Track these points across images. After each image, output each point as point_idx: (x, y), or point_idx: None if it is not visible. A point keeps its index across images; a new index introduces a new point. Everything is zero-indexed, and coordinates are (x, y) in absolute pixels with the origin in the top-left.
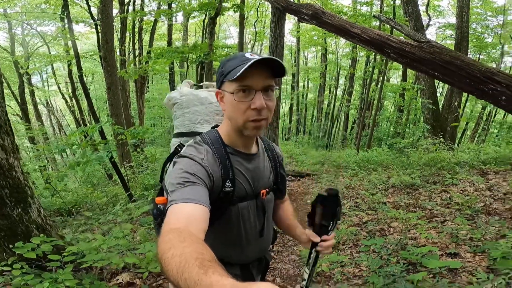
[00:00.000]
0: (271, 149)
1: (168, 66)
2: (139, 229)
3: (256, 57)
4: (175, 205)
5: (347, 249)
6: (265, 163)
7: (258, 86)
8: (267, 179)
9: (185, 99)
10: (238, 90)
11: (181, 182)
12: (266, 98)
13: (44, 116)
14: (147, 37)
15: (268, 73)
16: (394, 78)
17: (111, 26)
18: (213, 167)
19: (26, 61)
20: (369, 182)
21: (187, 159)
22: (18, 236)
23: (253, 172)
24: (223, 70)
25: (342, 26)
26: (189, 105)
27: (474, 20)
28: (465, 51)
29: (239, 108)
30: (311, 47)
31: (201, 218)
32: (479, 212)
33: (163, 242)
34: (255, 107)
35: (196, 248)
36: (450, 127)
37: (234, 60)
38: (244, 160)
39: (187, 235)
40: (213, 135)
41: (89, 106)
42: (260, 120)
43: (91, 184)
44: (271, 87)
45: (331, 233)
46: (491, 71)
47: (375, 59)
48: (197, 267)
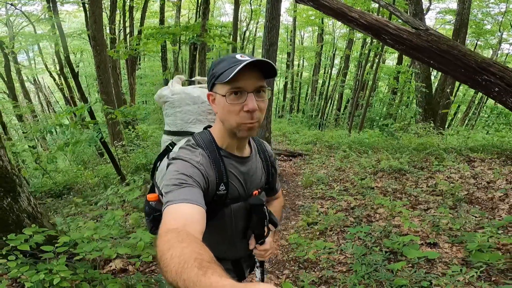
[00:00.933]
0: (263, 149)
1: (160, 45)
2: (132, 211)
3: (247, 59)
4: (172, 205)
5: (334, 235)
6: (258, 164)
7: (250, 88)
8: (259, 180)
9: (177, 98)
10: (230, 93)
11: (177, 183)
12: (258, 99)
13: (32, 93)
14: (138, 15)
15: (259, 74)
16: (390, 60)
17: (100, 5)
18: (208, 171)
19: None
20: (359, 165)
21: (182, 161)
22: (10, 226)
23: (246, 174)
24: (214, 72)
25: (339, 9)
26: (181, 104)
27: (475, 7)
28: (463, 38)
29: (231, 111)
30: (308, 27)
31: (198, 219)
32: (462, 201)
33: (162, 242)
34: (248, 109)
35: (195, 248)
36: (441, 111)
37: (225, 62)
38: (238, 163)
39: (185, 235)
40: (206, 137)
41: (78, 87)
42: (252, 122)
43: (82, 162)
44: (263, 88)
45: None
46: (487, 62)
47: (371, 42)
48: (196, 268)
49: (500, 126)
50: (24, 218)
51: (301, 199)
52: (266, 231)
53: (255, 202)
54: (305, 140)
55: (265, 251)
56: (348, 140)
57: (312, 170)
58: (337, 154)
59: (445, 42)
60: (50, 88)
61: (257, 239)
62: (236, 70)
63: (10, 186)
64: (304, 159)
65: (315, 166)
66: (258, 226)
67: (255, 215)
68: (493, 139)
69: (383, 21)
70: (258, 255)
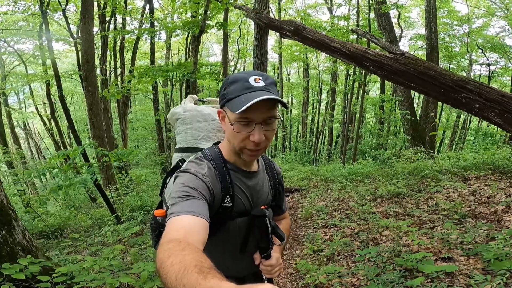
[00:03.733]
0: (271, 167)
1: (151, 86)
2: (129, 250)
3: (260, 86)
4: (175, 217)
5: (343, 260)
6: (265, 181)
7: (259, 119)
8: (266, 195)
9: (188, 114)
10: (238, 122)
11: (181, 195)
12: (266, 129)
13: (22, 139)
14: (129, 55)
15: (270, 104)
16: (373, 91)
17: (92, 45)
18: (214, 183)
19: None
20: (357, 193)
21: (188, 174)
22: (4, 258)
23: (252, 189)
24: (225, 93)
25: (322, 41)
26: (192, 121)
27: (441, 30)
28: (436, 61)
29: (237, 136)
30: (293, 63)
31: (200, 230)
32: (466, 216)
33: (162, 251)
34: (254, 140)
35: (195, 256)
36: (428, 136)
37: (237, 84)
38: (244, 177)
39: (186, 245)
40: (214, 151)
41: (71, 127)
42: (257, 150)
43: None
44: (273, 117)
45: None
46: (463, 80)
47: (354, 72)
48: (196, 273)
49: (488, 145)
50: (19, 251)
51: (303, 229)
52: (270, 245)
53: (257, 213)
54: (300, 176)
55: (271, 266)
56: (343, 172)
57: (311, 203)
58: (334, 186)
59: (421, 64)
60: (40, 134)
61: (262, 252)
62: (246, 106)
63: (6, 219)
64: (302, 194)
65: (313, 199)
66: (262, 238)
67: (258, 227)
68: (484, 157)
69: (363, 49)
70: (264, 271)
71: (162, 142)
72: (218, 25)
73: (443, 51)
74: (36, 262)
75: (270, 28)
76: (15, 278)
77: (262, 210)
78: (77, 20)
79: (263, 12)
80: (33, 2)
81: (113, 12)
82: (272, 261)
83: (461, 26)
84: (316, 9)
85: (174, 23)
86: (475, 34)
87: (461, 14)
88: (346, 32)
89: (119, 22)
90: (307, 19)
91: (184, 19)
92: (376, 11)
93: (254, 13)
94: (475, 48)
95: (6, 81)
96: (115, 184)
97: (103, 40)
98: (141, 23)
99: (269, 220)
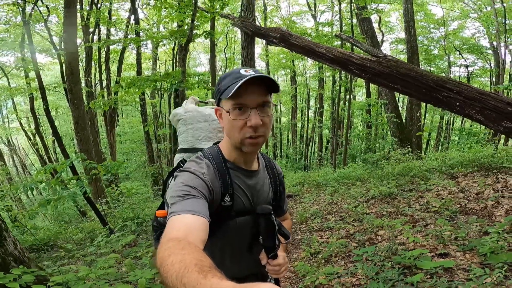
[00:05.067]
0: (272, 166)
1: (139, 97)
2: (123, 261)
3: (250, 73)
4: (175, 216)
5: (341, 261)
6: (265, 180)
7: (253, 104)
8: (267, 195)
9: (189, 115)
10: (233, 108)
11: (181, 195)
12: (262, 114)
13: (6, 155)
14: (114, 67)
15: (263, 89)
16: (360, 96)
17: (76, 56)
18: (213, 181)
19: None
20: (350, 196)
21: (188, 173)
22: None
23: (253, 188)
24: (219, 88)
25: (308, 46)
26: (193, 122)
27: (420, 33)
28: (417, 64)
29: (235, 126)
30: (281, 70)
31: (200, 229)
32: (457, 213)
33: (163, 250)
34: (251, 124)
35: (196, 255)
36: (415, 137)
37: (229, 77)
38: (245, 176)
39: (187, 244)
40: (214, 150)
41: (57, 140)
42: (257, 137)
43: (64, 222)
44: (267, 103)
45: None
46: (442, 79)
47: (340, 77)
48: (197, 272)
49: (472, 144)
50: (11, 261)
51: (299, 233)
52: (277, 243)
53: (262, 211)
54: (292, 183)
55: (279, 266)
56: (334, 176)
57: (305, 208)
58: (326, 190)
59: (403, 66)
60: (25, 150)
61: (268, 252)
62: (237, 86)
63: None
64: (295, 200)
65: (307, 204)
66: (268, 237)
67: (264, 225)
68: (469, 155)
69: (347, 53)
70: (271, 272)
71: (152, 154)
72: (205, 33)
73: (423, 54)
74: (30, 272)
75: (257, 36)
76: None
77: (268, 208)
78: (59, 32)
79: (249, 21)
80: (14, 13)
81: (97, 23)
82: (280, 260)
83: (438, 29)
84: (301, 16)
85: (160, 33)
86: (452, 36)
87: (437, 17)
88: (331, 38)
89: (104, 33)
90: (293, 26)
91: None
92: (358, 16)
93: (241, 22)
94: (452, 50)
95: None
96: (105, 198)
97: (88, 52)
98: (126, 34)
99: (275, 218)
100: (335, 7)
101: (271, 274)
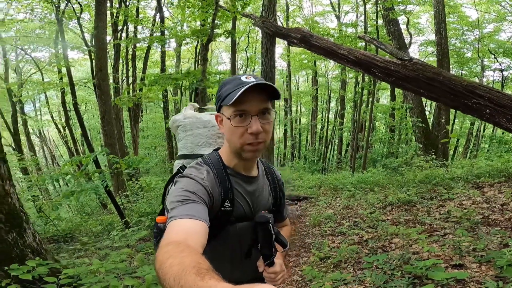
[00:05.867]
0: (271, 172)
1: (162, 94)
2: (136, 255)
3: (252, 81)
4: (175, 220)
5: (350, 267)
6: (265, 186)
7: (254, 110)
8: (266, 201)
9: (188, 121)
10: (234, 115)
11: (181, 200)
12: (262, 121)
13: (37, 146)
14: (140, 64)
15: (263, 96)
16: (384, 99)
17: (105, 53)
18: (213, 187)
19: (20, 88)
20: (367, 201)
21: (187, 178)
22: (13, 260)
23: (252, 194)
24: (220, 94)
25: (329, 48)
26: (192, 128)
27: (452, 36)
28: (447, 67)
29: (236, 132)
30: (302, 71)
31: (200, 233)
32: (479, 224)
33: (162, 253)
34: (252, 131)
35: (194, 258)
36: (441, 144)
37: (230, 84)
38: (244, 182)
39: (186, 247)
40: (214, 157)
41: (84, 135)
42: (257, 143)
43: (85, 214)
44: (268, 110)
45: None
46: (473, 85)
47: (363, 79)
48: (194, 274)
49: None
50: (28, 253)
51: (310, 237)
52: (274, 251)
53: (260, 220)
54: (309, 185)
55: (275, 273)
56: (352, 180)
57: (319, 211)
58: (342, 194)
59: (430, 70)
60: (55, 142)
61: (265, 259)
62: (239, 93)
63: (17, 222)
64: (310, 202)
65: (322, 207)
66: (265, 245)
67: (261, 233)
68: (497, 165)
69: (370, 55)
70: (268, 279)
71: (172, 150)
72: (226, 33)
73: (455, 57)
74: (44, 264)
75: (277, 36)
76: (22, 278)
77: (266, 217)
78: (91, 29)
79: (270, 20)
80: (49, 10)
81: (125, 21)
82: (276, 268)
83: (472, 32)
84: (324, 16)
85: (184, 31)
86: (487, 39)
87: (472, 19)
88: (354, 39)
89: (131, 31)
90: (315, 27)
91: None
92: (384, 17)
93: (262, 22)
94: (487, 53)
95: (23, 89)
96: (125, 191)
97: (116, 49)
98: (152, 32)
99: (272, 227)
100: (360, 7)
101: (267, 281)
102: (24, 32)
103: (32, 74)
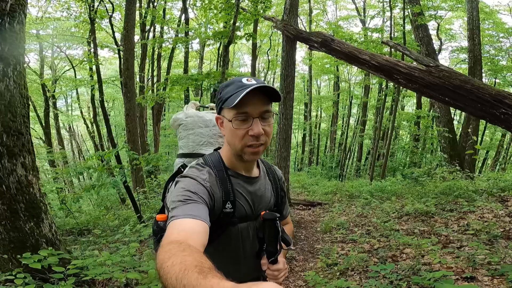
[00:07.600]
0: (272, 172)
1: (183, 94)
2: (146, 250)
3: (253, 83)
4: (176, 220)
5: (356, 275)
6: (266, 186)
7: (255, 113)
8: (268, 201)
9: (190, 120)
10: (236, 118)
11: (182, 199)
12: (263, 123)
13: (66, 140)
14: (165, 64)
15: (264, 99)
16: (409, 107)
17: (132, 53)
18: (214, 188)
19: (53, 84)
20: (382, 210)
21: (189, 179)
22: (27, 249)
23: (253, 194)
24: (221, 97)
25: (351, 53)
26: (194, 127)
27: (486, 42)
28: (479, 75)
29: (237, 134)
30: (324, 75)
31: (201, 233)
32: (498, 237)
33: (163, 252)
34: (253, 133)
35: (196, 257)
36: (468, 155)
37: (231, 86)
38: (245, 182)
39: (187, 246)
40: (215, 157)
41: (108, 131)
42: (258, 145)
43: (105, 207)
44: (268, 112)
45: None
46: (502, 94)
47: (387, 86)
48: (197, 273)
49: None
50: (43, 243)
51: (320, 243)
52: (279, 248)
53: (268, 217)
54: (324, 191)
55: (278, 271)
56: (369, 188)
57: (332, 217)
58: (358, 201)
59: (457, 77)
60: (83, 137)
61: (269, 256)
62: (241, 96)
63: (36, 212)
64: (324, 208)
65: (335, 214)
66: (271, 242)
67: (268, 230)
68: None
69: (393, 61)
70: (271, 276)
71: None
72: (247, 35)
73: (488, 65)
74: (55, 254)
75: (298, 40)
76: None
77: (273, 214)
78: (121, 28)
79: (291, 24)
80: (84, 9)
81: (153, 21)
82: (279, 265)
83: (507, 38)
84: (349, 21)
85: (207, 33)
86: None
87: (508, 26)
88: (379, 45)
89: (158, 31)
90: (339, 31)
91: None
92: (412, 23)
93: (283, 25)
94: None
95: (56, 85)
96: (143, 187)
97: (143, 48)
98: (177, 33)
99: (279, 224)
100: (387, 12)
101: (270, 279)
102: (61, 30)
103: (66, 71)
